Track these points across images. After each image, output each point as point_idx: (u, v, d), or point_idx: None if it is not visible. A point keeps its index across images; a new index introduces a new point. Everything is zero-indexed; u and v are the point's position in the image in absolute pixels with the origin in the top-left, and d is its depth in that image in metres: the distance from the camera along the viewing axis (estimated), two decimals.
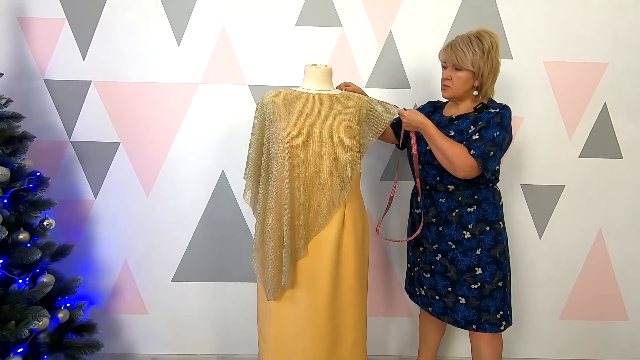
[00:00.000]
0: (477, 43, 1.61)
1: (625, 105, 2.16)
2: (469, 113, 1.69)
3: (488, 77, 1.63)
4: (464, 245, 1.67)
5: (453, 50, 1.64)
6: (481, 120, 1.63)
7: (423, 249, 1.78)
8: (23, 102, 2.08)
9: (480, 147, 1.57)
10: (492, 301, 1.67)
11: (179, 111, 2.16)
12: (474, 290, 1.67)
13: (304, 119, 1.57)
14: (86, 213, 2.21)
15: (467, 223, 1.67)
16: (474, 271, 1.66)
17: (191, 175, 2.20)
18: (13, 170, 1.72)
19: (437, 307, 1.77)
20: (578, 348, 2.35)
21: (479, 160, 1.57)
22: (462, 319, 1.70)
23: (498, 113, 1.62)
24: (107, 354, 2.25)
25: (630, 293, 2.30)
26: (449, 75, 1.67)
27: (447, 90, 1.69)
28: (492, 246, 1.66)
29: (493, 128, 1.59)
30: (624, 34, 2.12)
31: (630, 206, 2.23)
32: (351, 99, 1.68)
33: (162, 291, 2.28)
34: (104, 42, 2.10)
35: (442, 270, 1.72)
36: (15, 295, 1.65)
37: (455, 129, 1.67)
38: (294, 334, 1.60)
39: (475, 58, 1.60)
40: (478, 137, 1.59)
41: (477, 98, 1.68)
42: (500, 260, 1.68)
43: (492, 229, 1.68)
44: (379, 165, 2.22)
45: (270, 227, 1.59)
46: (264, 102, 1.65)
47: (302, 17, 2.11)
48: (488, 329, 1.69)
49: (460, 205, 1.67)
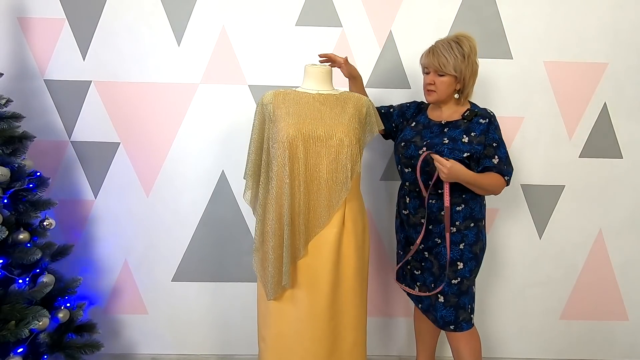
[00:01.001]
0: (457, 48, 1.65)
1: (625, 105, 2.16)
2: (457, 121, 1.74)
3: (469, 80, 1.70)
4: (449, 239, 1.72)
5: (435, 55, 1.68)
6: (474, 131, 1.69)
7: (412, 247, 1.80)
8: (23, 102, 2.08)
9: (508, 170, 1.70)
10: (467, 297, 1.74)
11: (179, 111, 2.16)
12: (453, 286, 1.71)
13: (304, 119, 1.57)
14: (86, 213, 2.21)
15: (455, 220, 1.71)
16: (456, 265, 1.71)
17: (191, 175, 2.20)
18: (13, 170, 1.72)
19: (425, 304, 1.80)
20: (578, 348, 2.35)
21: (509, 181, 1.71)
22: (441, 319, 1.74)
23: (494, 126, 1.70)
24: (107, 354, 2.25)
25: (630, 293, 2.30)
26: (432, 80, 1.71)
27: (431, 95, 1.74)
28: (474, 242, 1.73)
29: (502, 145, 1.70)
30: (625, 34, 2.11)
31: (630, 206, 2.23)
32: (351, 98, 1.68)
33: (162, 291, 2.28)
34: (104, 42, 2.10)
35: (429, 265, 1.77)
36: (15, 295, 1.64)
37: (448, 137, 1.71)
38: (294, 334, 1.60)
39: (457, 63, 1.65)
40: (498, 160, 1.68)
41: (459, 100, 1.75)
42: (480, 256, 1.75)
43: (476, 225, 1.74)
44: (379, 165, 2.22)
45: (270, 227, 1.59)
46: (263, 102, 1.65)
47: (302, 17, 2.11)
48: (465, 327, 1.74)
49: (450, 204, 1.71)
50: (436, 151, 1.68)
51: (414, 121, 1.86)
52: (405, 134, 1.83)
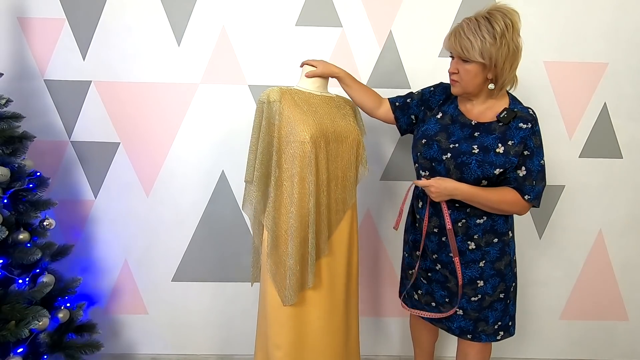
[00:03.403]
0: (487, 27, 1.33)
1: (625, 105, 2.16)
2: (491, 123, 1.42)
3: (504, 66, 1.35)
4: (466, 256, 1.51)
5: (457, 38, 1.37)
6: (512, 139, 1.38)
7: (420, 253, 1.64)
8: (23, 102, 2.08)
9: (533, 188, 1.39)
10: (492, 312, 1.53)
11: (179, 111, 2.16)
12: (473, 303, 1.53)
13: (320, 119, 1.59)
14: (86, 213, 2.21)
15: (474, 234, 1.48)
16: (476, 284, 1.51)
17: (191, 175, 2.20)
18: (13, 170, 1.72)
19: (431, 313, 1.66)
20: (578, 348, 2.35)
21: (534, 202, 1.42)
22: (457, 328, 1.56)
23: (534, 132, 1.39)
24: (107, 354, 2.25)
25: (630, 293, 2.30)
26: (455, 68, 1.41)
27: (455, 86, 1.45)
28: (497, 258, 1.50)
29: (538, 155, 1.38)
30: (624, 34, 2.11)
31: (630, 206, 2.23)
32: (346, 101, 1.77)
33: (162, 291, 2.28)
34: (104, 42, 2.10)
35: (442, 279, 1.58)
36: (15, 295, 1.65)
37: (479, 145, 1.40)
38: (315, 333, 1.63)
39: (484, 46, 1.33)
40: (526, 173, 1.38)
41: (494, 92, 1.42)
42: (505, 272, 1.52)
43: (500, 240, 1.50)
44: (378, 165, 2.22)
45: (290, 228, 1.56)
46: (269, 99, 1.55)
47: (302, 17, 2.11)
48: (484, 339, 1.55)
49: (469, 216, 1.48)
50: (462, 162, 1.40)
51: (440, 111, 1.54)
52: (427, 127, 1.52)
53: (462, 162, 1.41)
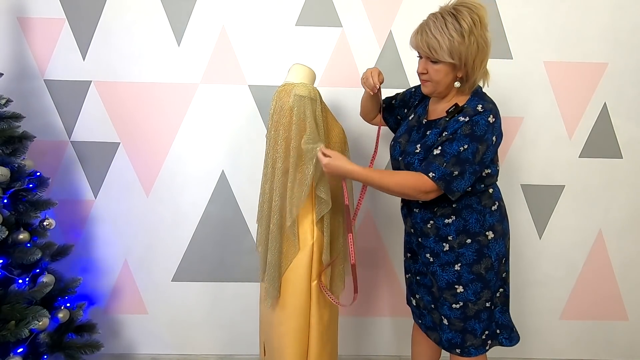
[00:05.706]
0: (454, 25, 1.27)
1: (625, 105, 2.16)
2: (439, 119, 1.39)
3: (474, 64, 1.30)
4: (441, 258, 1.45)
5: (424, 37, 1.31)
6: (446, 131, 1.33)
7: (410, 255, 1.63)
8: (23, 102, 2.08)
9: (441, 167, 1.28)
10: (479, 323, 1.45)
11: (179, 111, 2.16)
12: (455, 311, 1.45)
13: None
14: (86, 213, 2.21)
15: (446, 235, 1.43)
16: (454, 289, 1.44)
17: (191, 175, 2.20)
18: (13, 170, 1.72)
19: (427, 321, 1.63)
20: (578, 348, 2.35)
21: (440, 183, 1.29)
22: (446, 341, 1.51)
23: (469, 121, 1.30)
24: (107, 354, 2.25)
25: (630, 293, 2.30)
26: (424, 68, 1.36)
27: (426, 86, 1.40)
28: (474, 261, 1.42)
29: (459, 141, 1.29)
30: (624, 34, 2.11)
31: (630, 206, 2.23)
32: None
33: (162, 291, 2.28)
34: (104, 42, 2.10)
35: (429, 283, 1.55)
36: (15, 295, 1.65)
37: (422, 144, 1.39)
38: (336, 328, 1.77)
39: (453, 45, 1.27)
40: (439, 152, 1.31)
41: (463, 90, 1.38)
42: (487, 277, 1.43)
43: (475, 241, 1.42)
44: (378, 165, 2.22)
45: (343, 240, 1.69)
46: (312, 96, 1.52)
47: (302, 17, 2.11)
48: (474, 353, 1.48)
49: (435, 215, 1.43)
50: (408, 163, 1.42)
51: (413, 112, 1.54)
52: (400, 128, 1.55)
53: (408, 162, 1.41)
